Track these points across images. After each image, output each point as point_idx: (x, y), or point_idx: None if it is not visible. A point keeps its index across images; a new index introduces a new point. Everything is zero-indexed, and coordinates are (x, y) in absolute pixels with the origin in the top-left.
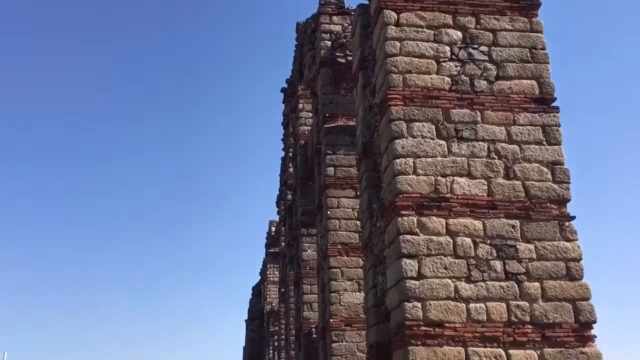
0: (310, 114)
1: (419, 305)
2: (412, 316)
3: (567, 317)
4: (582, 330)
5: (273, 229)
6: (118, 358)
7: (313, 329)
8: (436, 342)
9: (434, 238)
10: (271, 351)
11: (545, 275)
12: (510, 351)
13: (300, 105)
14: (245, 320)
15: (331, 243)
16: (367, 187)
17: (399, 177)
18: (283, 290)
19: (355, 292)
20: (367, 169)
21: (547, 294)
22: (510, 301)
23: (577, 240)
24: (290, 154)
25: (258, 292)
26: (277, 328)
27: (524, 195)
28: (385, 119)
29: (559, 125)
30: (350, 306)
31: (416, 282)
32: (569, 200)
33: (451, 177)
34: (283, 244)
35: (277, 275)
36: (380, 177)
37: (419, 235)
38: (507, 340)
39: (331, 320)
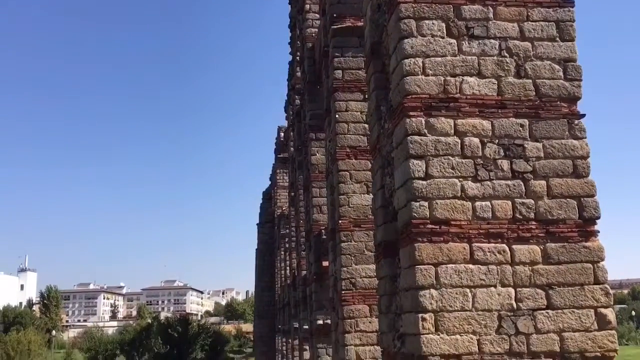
0: (317, 15)
1: (426, 204)
2: (418, 215)
3: (571, 214)
4: (585, 225)
5: (282, 134)
6: (136, 266)
7: (322, 231)
8: (442, 239)
9: (442, 139)
10: (282, 252)
11: (552, 174)
12: (514, 246)
13: (307, 6)
14: (257, 224)
15: (339, 146)
16: (375, 89)
17: (407, 77)
18: (293, 194)
19: (363, 194)
20: (376, 70)
21: (552, 192)
22: (515, 199)
23: (585, 138)
24: (298, 57)
25: (269, 196)
26: (287, 231)
27: (534, 93)
28: (394, 17)
29: (574, 21)
30: (358, 208)
31: (423, 182)
32: (579, 98)
33: (461, 76)
34: (292, 149)
35: (287, 180)
36: (389, 78)
37: (426, 136)
38: (511, 236)
39: (340, 222)
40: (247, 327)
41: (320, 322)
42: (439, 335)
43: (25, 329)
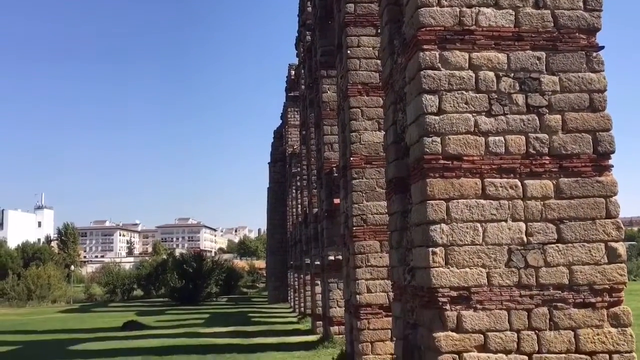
0: None
1: (438, 140)
2: (431, 150)
3: (585, 148)
4: (599, 160)
5: (293, 72)
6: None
7: (334, 168)
8: (454, 174)
9: (456, 73)
10: (294, 191)
11: (568, 107)
12: (526, 181)
13: None
14: (269, 163)
15: (351, 83)
16: (388, 23)
17: (422, 9)
18: (304, 132)
19: (375, 131)
20: (389, 2)
21: (567, 126)
22: (529, 134)
23: (603, 71)
24: None
25: (280, 135)
26: (299, 169)
27: (552, 25)
28: None
29: None
30: (370, 145)
31: (436, 118)
32: (599, 30)
33: (477, 7)
34: (303, 87)
35: (298, 119)
36: (402, 10)
37: (440, 70)
38: (523, 171)
39: (351, 159)
40: (260, 263)
41: (332, 257)
42: (448, 268)
43: (45, 264)
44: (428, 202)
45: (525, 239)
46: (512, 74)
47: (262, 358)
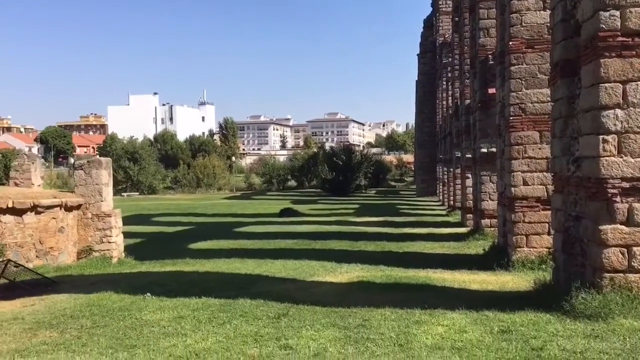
0: None
1: (617, 13)
2: (607, 26)
3: None
4: None
5: None
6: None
7: (489, 56)
8: (633, 53)
9: None
10: (444, 82)
11: None
12: None
13: None
14: (418, 55)
15: None
16: None
17: None
18: (457, 19)
19: (539, 10)
20: None
21: None
22: None
23: None
24: None
25: (430, 24)
26: (450, 59)
27: None
28: None
29: None
30: (532, 27)
31: None
32: None
33: None
34: None
35: (450, 5)
36: None
37: None
38: None
39: (511, 43)
40: (408, 157)
41: (484, 150)
42: (621, 157)
43: (209, 155)
44: (601, 85)
45: None
46: None
47: (411, 247)
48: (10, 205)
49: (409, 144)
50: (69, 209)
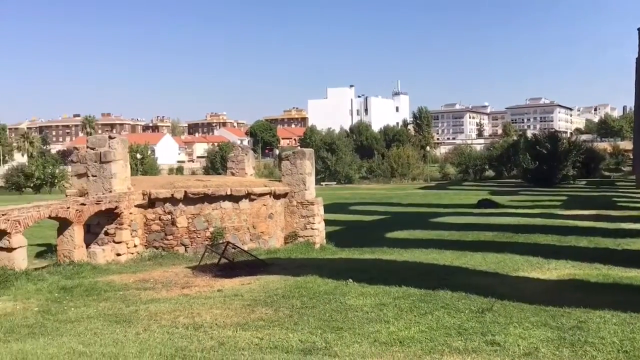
0: None
1: None
2: None
3: None
4: None
5: None
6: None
7: None
8: None
9: None
10: None
11: None
12: None
13: None
14: (639, 29)
15: None
16: None
17: None
18: None
19: None
20: None
21: None
22: None
23: None
24: None
25: None
26: None
27: None
28: None
29: None
30: None
31: None
32: None
33: None
34: None
35: None
36: None
37: None
38: None
39: None
40: (626, 144)
41: None
42: None
43: (403, 145)
44: None
45: None
46: None
47: (633, 244)
48: (228, 193)
49: (626, 130)
50: (277, 196)
